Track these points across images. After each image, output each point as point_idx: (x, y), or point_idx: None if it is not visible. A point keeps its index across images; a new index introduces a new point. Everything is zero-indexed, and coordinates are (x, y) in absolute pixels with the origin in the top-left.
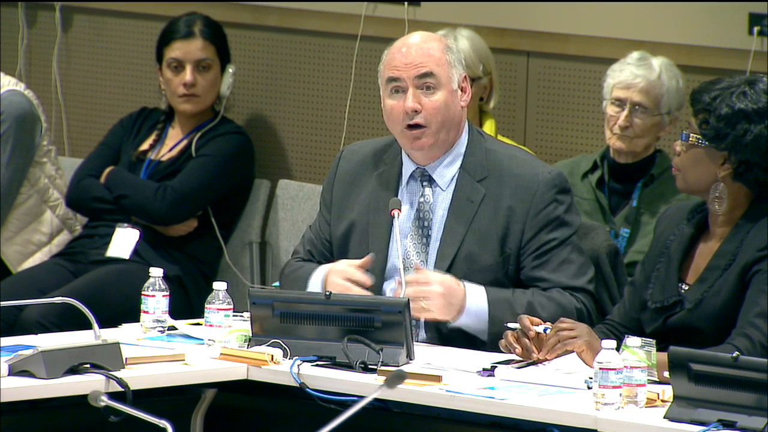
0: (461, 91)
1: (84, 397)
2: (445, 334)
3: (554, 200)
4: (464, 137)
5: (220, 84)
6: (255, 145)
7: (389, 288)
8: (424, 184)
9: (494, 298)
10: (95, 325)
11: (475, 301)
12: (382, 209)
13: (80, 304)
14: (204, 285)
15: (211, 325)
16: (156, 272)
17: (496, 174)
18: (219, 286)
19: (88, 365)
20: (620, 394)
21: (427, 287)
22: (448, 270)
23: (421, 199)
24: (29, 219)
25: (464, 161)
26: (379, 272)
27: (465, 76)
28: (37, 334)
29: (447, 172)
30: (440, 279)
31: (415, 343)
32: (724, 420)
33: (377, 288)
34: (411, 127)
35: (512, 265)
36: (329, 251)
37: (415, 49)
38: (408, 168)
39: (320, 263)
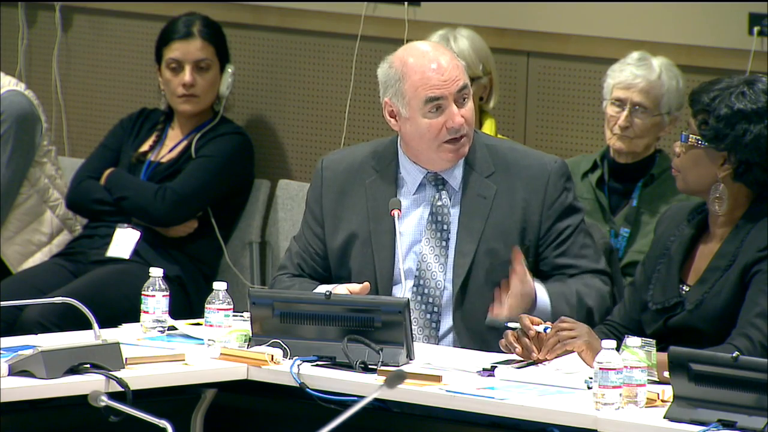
0: None
1: (84, 397)
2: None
3: (565, 188)
4: None
5: (219, 84)
6: (255, 145)
7: (397, 292)
8: (440, 187)
9: (552, 293)
10: (95, 325)
11: (542, 299)
12: (382, 216)
13: (80, 304)
14: (204, 285)
15: (211, 325)
16: (156, 272)
17: (503, 168)
18: (219, 286)
19: (88, 365)
20: (620, 394)
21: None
22: (470, 266)
23: (439, 203)
24: (29, 219)
25: (467, 159)
26: (387, 277)
27: None
28: (37, 334)
29: (457, 173)
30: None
31: (415, 342)
32: (724, 420)
33: (385, 293)
34: (454, 140)
35: (531, 257)
36: (321, 266)
37: (445, 63)
38: (414, 175)
39: (311, 277)
